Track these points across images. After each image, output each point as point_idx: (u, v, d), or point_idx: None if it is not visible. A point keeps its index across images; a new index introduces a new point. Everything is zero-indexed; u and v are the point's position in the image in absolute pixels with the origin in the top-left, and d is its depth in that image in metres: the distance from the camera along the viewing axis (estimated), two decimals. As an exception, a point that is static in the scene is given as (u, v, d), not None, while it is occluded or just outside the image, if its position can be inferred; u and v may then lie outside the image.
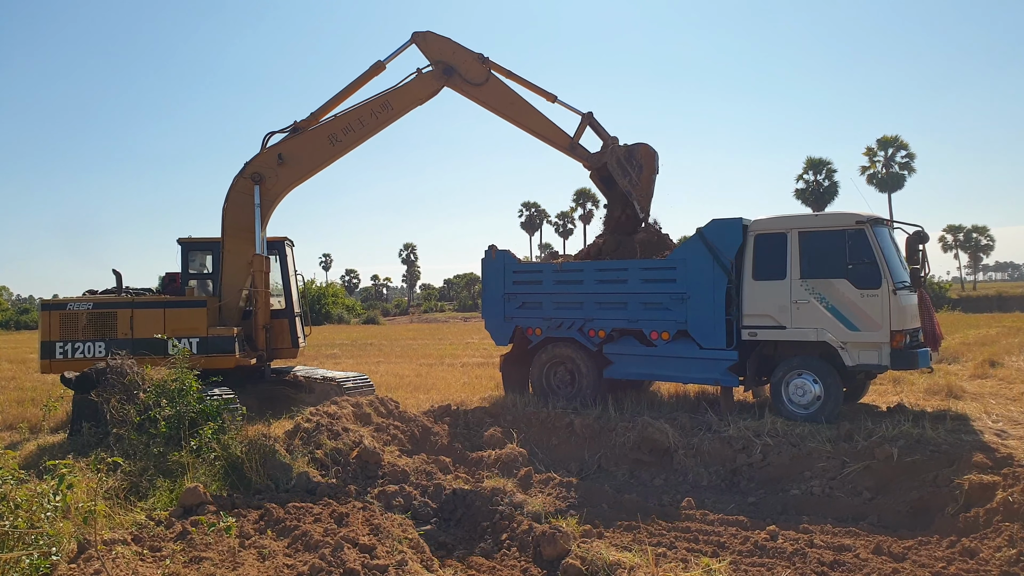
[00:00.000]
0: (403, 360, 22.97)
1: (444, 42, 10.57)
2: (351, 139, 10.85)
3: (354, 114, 10.79)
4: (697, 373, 10.83)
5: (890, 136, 60.09)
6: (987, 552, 6.15)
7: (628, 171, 10.74)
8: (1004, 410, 10.67)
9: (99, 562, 5.06)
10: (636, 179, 10.72)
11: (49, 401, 8.99)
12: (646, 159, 10.85)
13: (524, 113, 10.65)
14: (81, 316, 11.28)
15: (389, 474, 8.17)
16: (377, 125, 10.87)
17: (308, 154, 10.87)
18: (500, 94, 10.65)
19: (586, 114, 11.07)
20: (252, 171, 10.72)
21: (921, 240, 9.86)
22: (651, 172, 10.80)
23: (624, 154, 10.89)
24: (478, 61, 10.50)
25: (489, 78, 10.48)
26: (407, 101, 10.76)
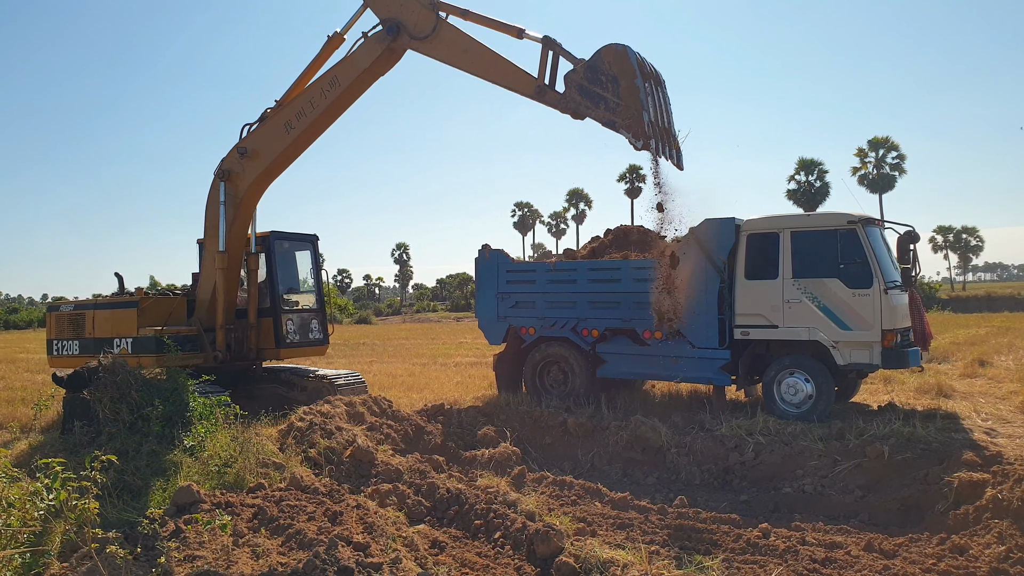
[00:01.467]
0: (396, 360, 22.95)
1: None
2: (304, 124, 9.56)
3: (306, 95, 9.55)
4: (690, 372, 10.87)
5: (881, 137, 60.49)
6: (977, 549, 6.20)
7: (598, 94, 7.79)
8: (993, 409, 10.76)
9: (92, 561, 5.05)
10: (614, 101, 7.69)
11: (41, 400, 8.94)
12: (616, 65, 7.75)
13: (480, 61, 8.45)
14: (64, 318, 12.16)
15: (383, 473, 8.17)
16: (329, 105, 9.42)
17: (265, 145, 9.93)
18: (452, 42, 8.56)
19: (543, 39, 8.27)
20: (221, 168, 10.44)
21: (912, 240, 9.93)
22: (630, 79, 7.64)
23: (585, 75, 7.91)
24: (426, 7, 8.57)
25: (438, 25, 8.51)
26: (353, 72, 9.12)
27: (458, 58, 8.57)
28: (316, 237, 12.87)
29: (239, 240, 10.65)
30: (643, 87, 7.62)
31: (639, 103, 7.58)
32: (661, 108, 8.10)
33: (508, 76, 8.39)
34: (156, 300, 11.54)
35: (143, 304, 11.34)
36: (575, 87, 7.97)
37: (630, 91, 7.65)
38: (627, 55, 7.69)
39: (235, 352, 11.53)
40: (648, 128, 7.54)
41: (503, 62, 8.40)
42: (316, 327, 12.57)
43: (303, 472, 7.81)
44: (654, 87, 7.94)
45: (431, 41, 8.58)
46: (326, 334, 12.70)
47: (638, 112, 7.59)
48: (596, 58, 7.85)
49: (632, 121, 7.62)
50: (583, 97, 7.89)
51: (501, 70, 8.41)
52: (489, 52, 8.43)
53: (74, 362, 11.35)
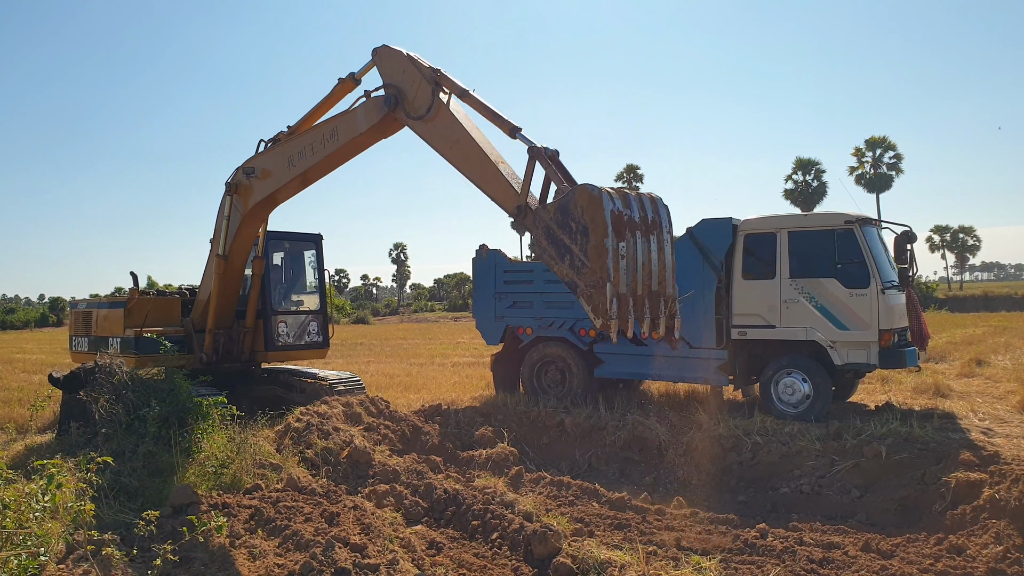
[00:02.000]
0: (393, 360, 22.93)
1: (397, 58, 7.77)
2: (304, 165, 9.01)
3: (309, 136, 8.95)
4: (687, 372, 10.88)
5: (878, 137, 60.54)
6: (974, 549, 6.20)
7: (565, 245, 6.19)
8: (990, 408, 10.77)
9: (88, 562, 5.03)
10: (580, 259, 6.04)
11: (37, 401, 8.91)
12: (588, 214, 5.99)
13: (468, 160, 7.26)
14: (80, 315, 12.76)
15: (380, 473, 8.16)
16: (327, 156, 8.76)
17: (269, 172, 9.54)
18: (444, 129, 7.44)
19: (530, 149, 6.70)
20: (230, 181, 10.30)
21: (909, 240, 9.94)
22: (600, 235, 5.92)
23: (555, 216, 6.29)
24: (428, 82, 7.46)
25: (434, 107, 7.42)
26: (350, 132, 8.37)
27: (447, 150, 7.45)
28: (320, 237, 12.72)
29: (241, 250, 10.47)
30: (613, 249, 5.89)
31: (605, 270, 5.89)
32: (643, 269, 6.17)
33: (492, 186, 7.11)
34: (143, 300, 11.50)
35: (130, 304, 11.39)
36: (543, 229, 6.34)
37: (598, 252, 5.93)
38: (601, 204, 5.88)
39: (227, 354, 11.48)
40: (610, 305, 5.87)
41: (491, 169, 7.08)
42: (314, 329, 12.38)
43: (300, 473, 7.80)
44: (639, 240, 6.13)
45: (425, 123, 7.55)
46: (326, 337, 12.52)
47: (602, 281, 5.89)
48: (568, 199, 6.12)
49: (594, 291, 5.96)
50: (549, 244, 6.30)
51: (486, 177, 7.14)
52: (479, 153, 7.15)
53: (84, 358, 11.78)
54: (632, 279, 6.07)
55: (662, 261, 6.32)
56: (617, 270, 5.91)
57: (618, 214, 5.98)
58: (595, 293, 5.97)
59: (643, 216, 6.20)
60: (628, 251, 6.02)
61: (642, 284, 6.16)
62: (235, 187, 9.79)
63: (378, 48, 8.00)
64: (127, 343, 11.00)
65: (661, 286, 6.31)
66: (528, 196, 6.64)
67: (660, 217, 6.34)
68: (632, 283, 6.07)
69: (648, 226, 6.24)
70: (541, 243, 6.41)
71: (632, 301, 6.05)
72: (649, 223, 6.25)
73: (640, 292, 6.14)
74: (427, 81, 7.46)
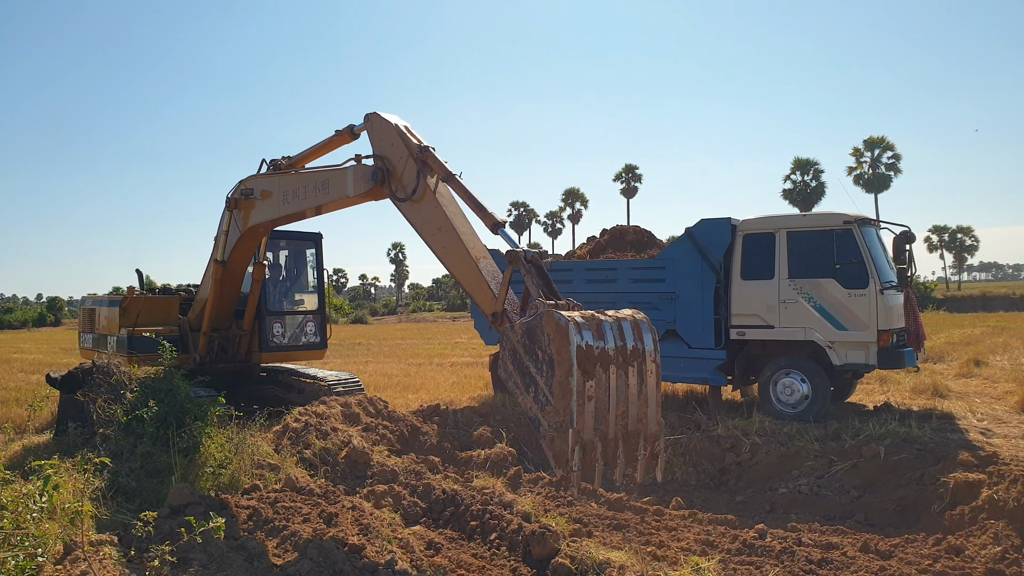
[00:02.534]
0: (392, 360, 22.93)
1: (387, 130, 7.41)
2: (297, 206, 8.82)
3: (304, 178, 8.74)
4: (686, 372, 10.88)
5: (877, 137, 60.73)
6: (973, 549, 6.20)
7: (531, 375, 5.56)
8: (989, 409, 10.79)
9: (85, 563, 5.02)
10: (544, 394, 5.41)
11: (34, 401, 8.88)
12: (555, 344, 5.33)
13: (449, 251, 6.84)
14: (87, 312, 13.16)
15: (378, 474, 8.15)
16: (318, 204, 8.54)
17: (266, 199, 9.37)
18: (429, 213, 7.04)
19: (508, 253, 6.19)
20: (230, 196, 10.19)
21: (908, 240, 9.94)
22: (565, 372, 5.23)
23: (522, 338, 5.64)
24: (415, 161, 7.07)
25: (419, 190, 7.03)
26: (338, 192, 8.13)
27: (429, 235, 7.04)
28: (319, 236, 12.63)
29: (240, 260, 10.42)
30: (578, 389, 5.20)
31: (568, 412, 5.19)
32: (618, 408, 5.44)
33: (470, 284, 6.69)
34: (136, 299, 11.48)
35: (125, 303, 11.41)
36: (509, 351, 5.73)
37: (561, 390, 5.25)
38: (567, 336, 5.20)
39: (223, 353, 11.47)
40: (571, 455, 5.16)
41: (471, 267, 6.64)
42: (312, 330, 12.32)
43: (298, 473, 7.79)
44: (614, 375, 5.43)
45: (410, 204, 7.17)
46: (324, 337, 12.43)
47: (564, 425, 5.21)
48: (536, 323, 5.51)
49: (556, 435, 5.28)
50: (516, 370, 5.67)
51: (465, 273, 6.73)
52: (460, 246, 6.72)
53: (90, 354, 12.10)
54: (604, 421, 5.36)
55: (644, 395, 5.58)
56: (582, 414, 5.19)
57: (587, 349, 5.24)
58: (557, 437, 5.27)
59: (621, 346, 5.45)
60: (598, 390, 5.30)
61: (615, 425, 5.43)
62: (235, 203, 9.73)
63: (370, 115, 7.65)
64: (121, 342, 11.03)
65: (641, 424, 5.56)
66: (506, 301, 6.15)
67: (643, 344, 5.62)
68: (604, 425, 5.36)
69: (627, 356, 5.49)
70: (507, 367, 5.75)
71: (602, 446, 5.33)
72: (629, 352, 5.50)
73: (613, 435, 5.40)
74: (414, 160, 7.09)
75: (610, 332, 5.42)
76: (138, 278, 12.67)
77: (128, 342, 10.81)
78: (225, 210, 9.91)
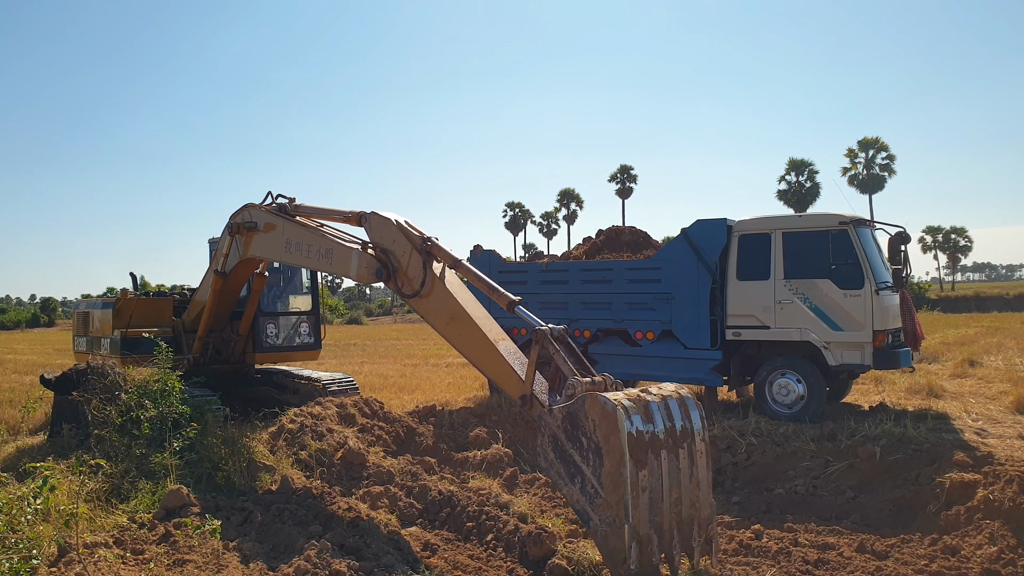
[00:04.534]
0: (387, 360, 22.90)
1: (387, 227, 7.33)
2: (297, 260, 8.89)
3: (308, 237, 8.62)
4: (681, 373, 10.88)
5: (871, 138, 60.94)
6: (968, 550, 6.21)
7: (576, 464, 5.21)
8: (984, 409, 10.81)
9: (80, 565, 5.00)
10: (593, 485, 5.08)
11: (28, 402, 8.86)
12: (602, 431, 5.03)
13: (466, 338, 6.63)
14: (80, 316, 13.05)
15: (374, 475, 8.13)
16: (318, 267, 8.66)
17: (269, 238, 9.28)
18: (439, 304, 6.88)
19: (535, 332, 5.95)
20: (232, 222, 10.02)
21: (903, 241, 9.96)
22: (616, 462, 4.92)
23: (563, 424, 5.31)
24: (419, 253, 6.96)
25: (426, 282, 6.90)
26: (341, 268, 8.05)
27: (443, 326, 6.84)
28: None
29: (240, 276, 10.36)
30: (632, 480, 4.88)
31: (622, 505, 4.88)
32: (671, 495, 5.14)
33: (492, 369, 6.46)
34: (129, 301, 11.45)
35: (118, 305, 11.41)
36: (549, 438, 5.38)
37: (614, 482, 4.94)
38: (616, 423, 4.89)
39: (217, 354, 11.45)
40: (629, 552, 4.83)
41: (490, 350, 6.39)
42: (306, 331, 12.34)
43: (294, 474, 7.77)
44: (666, 459, 5.12)
45: (419, 299, 7.05)
46: (318, 338, 12.43)
47: (620, 520, 4.89)
48: (578, 408, 5.17)
49: (610, 531, 4.95)
50: (557, 458, 5.31)
51: (485, 358, 6.47)
52: (477, 331, 6.51)
53: (84, 357, 11.93)
54: (658, 512, 5.04)
55: (696, 478, 5.28)
56: (637, 507, 4.88)
57: (637, 435, 4.92)
58: (611, 533, 4.93)
59: (670, 427, 5.17)
60: (651, 478, 4.99)
61: (670, 514, 5.12)
62: (238, 228, 9.62)
63: (368, 215, 7.56)
64: (115, 343, 11.01)
65: (694, 509, 5.26)
66: (534, 383, 5.89)
67: (691, 423, 5.32)
68: (658, 516, 5.04)
69: (677, 438, 5.19)
70: (548, 455, 5.37)
71: (658, 538, 5.03)
72: (678, 434, 5.21)
73: (668, 524, 5.11)
74: (418, 252, 6.96)
75: (658, 413, 5.12)
76: (132, 281, 12.70)
77: (121, 343, 10.78)
78: (226, 232, 9.81)
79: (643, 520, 4.92)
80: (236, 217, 9.57)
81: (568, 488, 5.23)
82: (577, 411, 5.15)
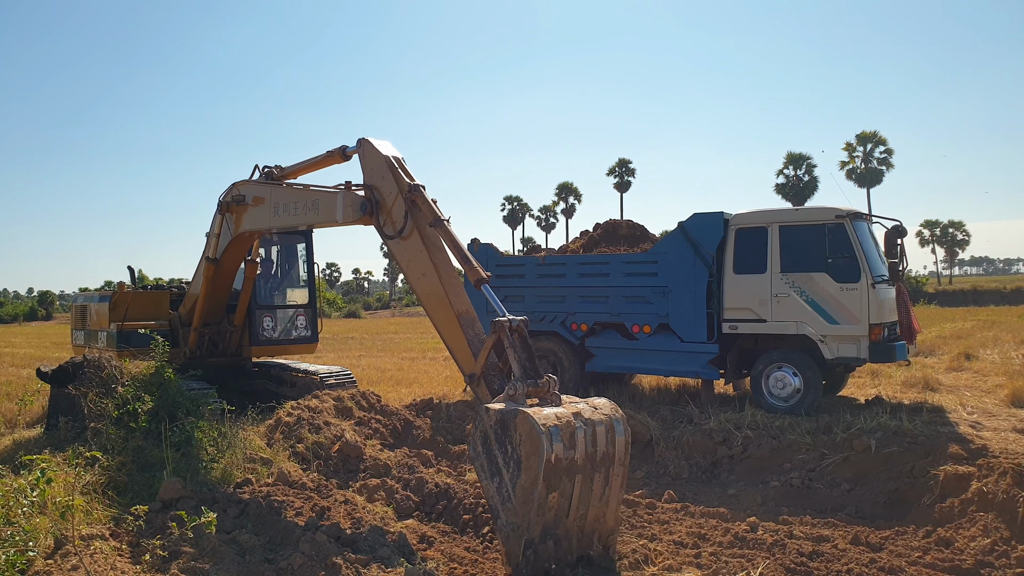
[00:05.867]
0: (385, 354, 22.91)
1: (378, 161, 7.25)
2: (287, 221, 8.78)
3: (295, 194, 8.63)
4: (678, 366, 10.90)
5: (869, 132, 60.98)
6: (962, 542, 6.24)
7: (498, 465, 5.43)
8: (979, 402, 10.84)
9: (76, 558, 5.00)
10: (507, 490, 5.33)
11: (25, 395, 8.84)
12: (525, 448, 5.23)
13: (431, 299, 6.79)
14: (78, 309, 13.28)
15: (371, 468, 8.15)
16: (306, 222, 8.55)
17: (258, 206, 9.26)
18: (413, 256, 6.93)
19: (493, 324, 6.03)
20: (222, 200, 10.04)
21: (899, 234, 9.97)
22: (530, 479, 5.19)
23: (495, 426, 5.47)
24: (404, 199, 6.92)
25: (406, 229, 6.90)
26: (328, 214, 8.00)
27: (414, 279, 6.96)
28: (310, 230, 12.67)
29: (232, 259, 10.35)
30: (540, 501, 5.16)
31: (527, 519, 5.19)
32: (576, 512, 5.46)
33: (450, 338, 6.63)
34: (126, 294, 11.47)
35: (114, 298, 11.45)
36: (481, 433, 5.56)
37: (525, 495, 5.19)
38: (539, 446, 5.10)
39: (214, 348, 11.47)
40: (523, 559, 5.21)
41: (452, 322, 6.55)
42: (303, 324, 12.35)
43: (291, 467, 7.78)
44: (579, 483, 5.40)
45: (397, 242, 7.07)
46: (315, 331, 12.43)
47: (521, 530, 5.21)
48: (510, 418, 5.36)
49: (511, 534, 5.27)
50: (484, 452, 5.53)
51: (446, 326, 6.62)
52: (444, 299, 6.62)
53: (82, 351, 11.94)
54: (561, 526, 5.40)
55: (606, 498, 5.62)
56: (540, 523, 5.24)
57: (556, 461, 5.17)
58: (512, 537, 5.28)
59: (591, 452, 5.44)
60: (562, 499, 5.33)
61: (575, 528, 5.49)
62: (227, 207, 9.65)
63: (362, 141, 7.48)
64: (111, 336, 11.03)
65: (598, 523, 5.65)
66: (484, 365, 6.17)
67: (614, 448, 5.61)
68: (559, 530, 5.40)
69: (596, 463, 5.48)
70: (477, 447, 5.61)
71: (555, 546, 5.38)
72: (598, 459, 5.49)
73: (569, 535, 5.48)
74: (403, 197, 6.95)
75: (583, 441, 5.38)
76: (130, 274, 12.71)
77: (118, 336, 10.80)
78: (217, 212, 9.85)
79: (543, 532, 5.29)
80: (225, 196, 9.63)
81: (487, 483, 5.52)
82: (509, 420, 5.36)
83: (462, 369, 6.52)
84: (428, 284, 6.80)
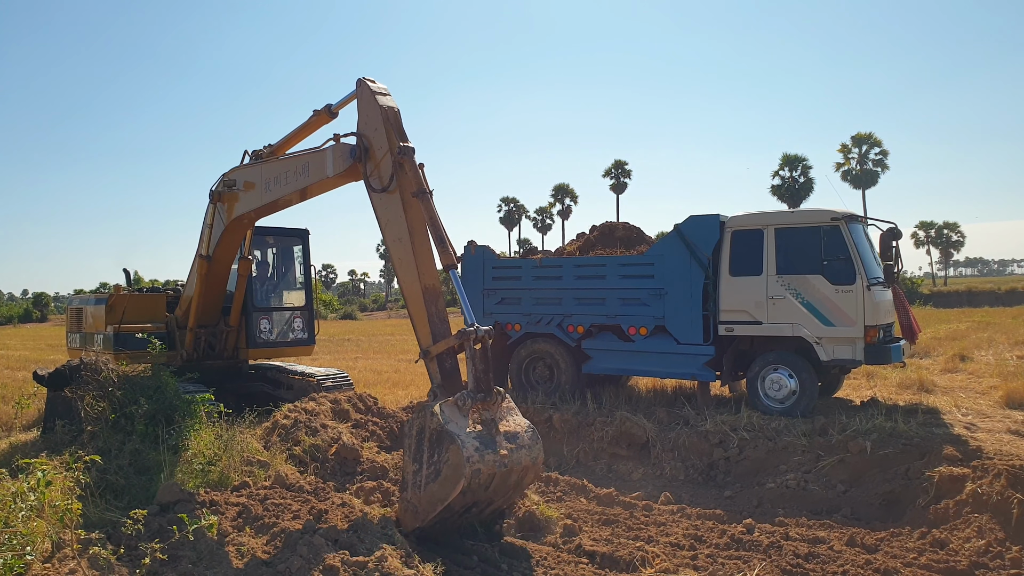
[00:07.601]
0: (381, 356, 22.90)
1: (373, 111, 7.06)
2: (279, 192, 8.60)
3: (284, 164, 8.51)
4: (674, 368, 10.92)
5: (864, 133, 61.11)
6: (957, 543, 6.28)
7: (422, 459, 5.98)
8: (974, 404, 10.89)
9: (74, 561, 5.00)
10: (423, 484, 5.93)
11: (21, 398, 8.85)
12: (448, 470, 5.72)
13: (402, 265, 6.83)
14: (73, 312, 13.16)
15: (368, 470, 8.15)
16: (299, 188, 8.30)
17: (249, 190, 9.15)
18: (392, 216, 6.89)
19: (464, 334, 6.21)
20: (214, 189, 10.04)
21: (894, 236, 10.00)
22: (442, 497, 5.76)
23: (433, 432, 5.92)
24: (394, 155, 6.81)
25: (390, 187, 6.85)
26: (318, 172, 7.86)
27: (391, 241, 6.95)
28: (306, 232, 12.63)
29: (225, 254, 10.32)
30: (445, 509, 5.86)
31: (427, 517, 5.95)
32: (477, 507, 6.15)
33: (413, 309, 6.75)
34: (121, 297, 11.44)
35: (111, 301, 11.40)
36: (419, 425, 6.05)
37: (433, 499, 5.86)
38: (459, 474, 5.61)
39: (210, 350, 11.45)
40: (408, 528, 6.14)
41: (416, 295, 6.66)
42: (299, 326, 12.34)
43: (288, 470, 7.78)
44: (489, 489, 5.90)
45: (381, 196, 7.00)
46: (311, 333, 12.43)
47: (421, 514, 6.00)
48: (447, 435, 5.77)
49: (410, 514, 6.08)
50: (416, 440, 6.04)
51: (411, 297, 6.75)
52: (413, 268, 6.70)
53: (77, 354, 11.90)
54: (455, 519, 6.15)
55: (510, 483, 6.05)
56: (437, 519, 5.94)
57: (470, 487, 5.65)
58: (408, 516, 6.09)
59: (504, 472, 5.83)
60: (465, 501, 5.86)
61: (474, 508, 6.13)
62: (218, 196, 9.65)
63: (360, 82, 7.28)
64: (108, 339, 11.00)
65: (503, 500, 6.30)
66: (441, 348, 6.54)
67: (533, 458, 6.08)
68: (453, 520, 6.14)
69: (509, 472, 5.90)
70: (412, 433, 6.08)
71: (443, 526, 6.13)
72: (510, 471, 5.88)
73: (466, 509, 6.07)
74: (392, 157, 6.86)
75: (499, 474, 5.78)
76: (125, 276, 12.68)
77: (114, 339, 10.78)
78: (209, 204, 9.87)
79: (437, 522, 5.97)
80: (216, 185, 9.67)
81: (409, 464, 6.09)
82: (444, 436, 5.76)
83: (418, 341, 6.74)
84: (402, 250, 6.83)
